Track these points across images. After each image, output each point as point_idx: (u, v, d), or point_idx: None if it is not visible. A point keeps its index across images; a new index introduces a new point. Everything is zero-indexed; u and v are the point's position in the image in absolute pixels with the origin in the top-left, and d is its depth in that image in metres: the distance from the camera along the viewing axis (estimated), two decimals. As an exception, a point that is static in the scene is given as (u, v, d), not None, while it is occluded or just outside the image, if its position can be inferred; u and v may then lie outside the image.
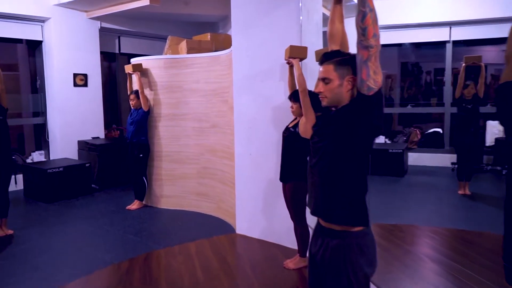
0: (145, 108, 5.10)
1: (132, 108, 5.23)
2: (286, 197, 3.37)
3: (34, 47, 6.62)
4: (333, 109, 1.70)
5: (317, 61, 3.46)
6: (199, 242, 4.06)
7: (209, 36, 5.44)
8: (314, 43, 3.74)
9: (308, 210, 1.84)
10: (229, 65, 4.33)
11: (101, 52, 7.09)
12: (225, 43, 5.36)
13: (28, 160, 6.50)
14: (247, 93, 4.07)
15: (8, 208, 4.37)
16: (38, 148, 6.86)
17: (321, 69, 1.70)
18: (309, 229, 3.36)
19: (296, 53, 3.19)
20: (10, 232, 4.37)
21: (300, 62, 3.19)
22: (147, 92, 5.21)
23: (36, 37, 6.38)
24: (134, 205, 5.24)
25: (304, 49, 3.25)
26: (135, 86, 5.22)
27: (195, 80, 4.94)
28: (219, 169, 4.77)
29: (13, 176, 6.08)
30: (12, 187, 6.04)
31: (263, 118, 3.95)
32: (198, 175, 5.04)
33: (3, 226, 4.36)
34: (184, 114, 5.06)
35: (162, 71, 5.13)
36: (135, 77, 5.21)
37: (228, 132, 4.49)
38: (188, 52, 5.10)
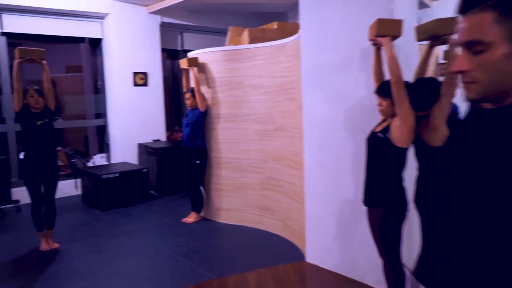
0: (201, 108, 4.48)
1: (187, 108, 4.65)
2: (372, 226, 2.50)
3: (95, 45, 6.35)
4: (486, 105, 0.85)
5: (419, 40, 2.55)
6: (261, 272, 3.31)
7: (275, 25, 4.67)
8: (409, 20, 2.80)
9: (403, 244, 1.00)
10: (296, 55, 3.54)
11: (163, 50, 6.65)
12: (294, 32, 4.56)
13: (90, 164, 6.25)
14: (319, 88, 3.24)
15: (54, 218, 3.98)
16: (100, 150, 6.61)
17: (462, 25, 0.86)
18: (405, 269, 2.46)
19: (386, 29, 2.32)
20: (56, 245, 3.98)
21: (391, 42, 2.32)
22: (204, 89, 4.59)
23: (96, 34, 6.08)
24: (191, 218, 4.65)
25: (398, 23, 2.36)
26: (192, 83, 4.63)
27: (258, 74, 4.21)
28: (285, 181, 3.99)
29: (73, 181, 5.86)
30: (72, 191, 5.82)
31: (339, 120, 3.10)
32: (261, 186, 4.31)
33: (49, 239, 3.98)
34: (246, 114, 4.35)
35: (221, 65, 4.47)
36: (191, 73, 4.61)
37: (296, 136, 3.70)
38: (251, 43, 4.38)
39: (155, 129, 6.47)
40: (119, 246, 3.99)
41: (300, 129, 3.51)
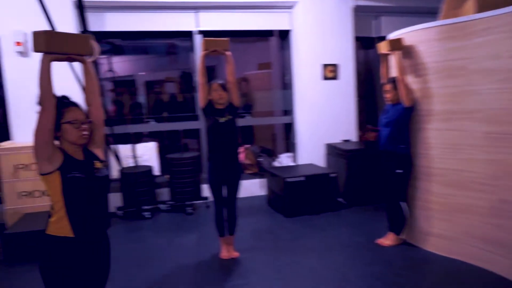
0: (406, 103, 3.51)
1: (387, 103, 3.75)
2: None
3: (283, 38, 5.99)
4: None
5: None
6: None
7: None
8: None
9: None
10: None
11: (356, 38, 5.85)
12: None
13: (276, 163, 5.94)
14: None
15: (235, 224, 3.66)
16: (287, 150, 6.25)
17: None
18: None
19: None
20: (236, 255, 3.65)
21: None
22: (410, 79, 3.61)
23: (285, 26, 5.70)
24: (388, 240, 3.75)
25: None
26: (393, 72, 3.71)
27: (493, 55, 3.01)
28: (535, 207, 2.72)
29: (259, 180, 5.63)
30: (258, 192, 5.59)
31: None
32: (490, 210, 3.10)
33: (230, 246, 3.68)
34: (469, 111, 3.21)
35: (434, 47, 3.42)
36: (393, 59, 3.69)
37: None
38: (480, 12, 3.20)
39: (345, 128, 5.74)
40: (300, 265, 3.40)
41: None
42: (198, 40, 5.39)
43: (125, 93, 8.41)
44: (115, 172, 5.29)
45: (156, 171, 5.45)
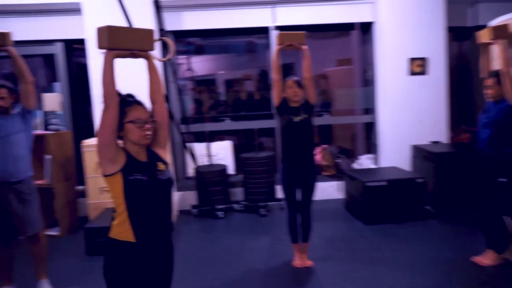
0: (513, 100, 3.00)
1: (487, 100, 3.24)
2: None
3: (365, 31, 5.58)
4: None
5: None
6: None
7: None
8: None
9: None
10: None
11: (448, 28, 5.26)
12: None
13: (355, 165, 5.57)
14: None
15: (309, 230, 3.42)
16: (368, 151, 5.83)
17: None
18: None
19: None
20: (309, 263, 3.41)
21: None
22: (518, 72, 3.08)
23: (367, 18, 5.29)
24: (487, 259, 3.24)
25: None
26: (496, 64, 3.20)
27: None
28: None
29: (336, 183, 5.32)
30: (335, 195, 5.28)
31: None
32: None
33: (303, 254, 3.45)
34: None
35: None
36: (496, 50, 3.18)
37: None
38: None
39: (434, 128, 5.19)
40: (380, 281, 3.07)
41: None
42: (274, 36, 5.20)
43: (205, 92, 8.55)
44: (190, 171, 5.33)
45: (231, 170, 5.39)
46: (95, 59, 4.71)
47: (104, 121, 1.72)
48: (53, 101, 4.66)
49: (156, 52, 4.11)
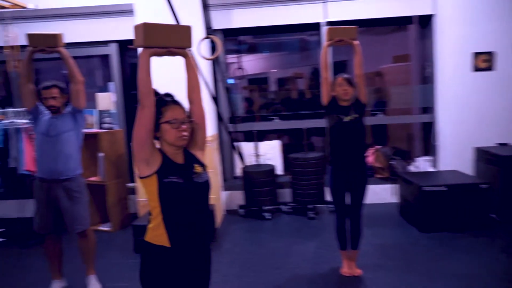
0: None
1: None
2: None
3: (424, 25, 5.22)
4: None
5: None
6: None
7: None
8: None
9: None
10: None
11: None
12: None
13: (411, 168, 5.24)
14: None
15: (359, 237, 3.23)
16: (426, 153, 5.47)
17: None
18: None
19: None
20: (358, 272, 3.22)
21: None
22: None
23: (427, 11, 4.94)
24: (561, 276, 2.89)
25: None
26: None
27: None
28: None
29: (390, 186, 5.04)
30: (388, 198, 5.00)
31: None
32: None
33: (352, 262, 3.26)
34: None
35: None
36: None
37: None
38: None
39: (501, 129, 4.76)
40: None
41: None
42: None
43: (257, 91, 8.53)
44: (238, 170, 5.28)
45: (279, 170, 5.27)
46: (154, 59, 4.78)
47: (140, 121, 1.67)
48: (106, 100, 4.80)
49: (204, 50, 4.10)
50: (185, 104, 1.82)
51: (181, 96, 1.84)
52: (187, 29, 1.76)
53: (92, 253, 3.20)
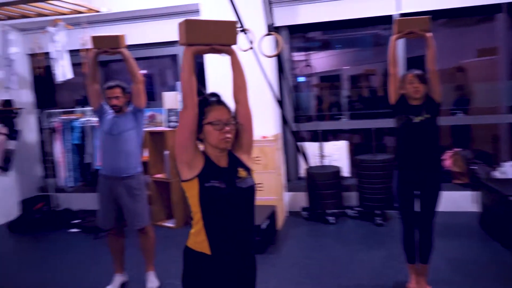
0: None
1: None
2: None
3: (516, 14, 4.64)
4: None
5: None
6: None
7: None
8: None
9: None
10: None
11: None
12: None
13: (497, 174, 4.69)
14: None
15: (430, 249, 2.91)
16: (513, 157, 4.88)
17: None
18: None
19: None
20: (428, 289, 2.92)
21: None
22: None
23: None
24: None
25: None
26: None
27: None
28: None
29: (471, 193, 4.56)
30: (469, 207, 4.53)
31: None
32: None
33: (421, 277, 2.96)
34: None
35: None
36: None
37: None
38: None
39: None
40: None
41: None
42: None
43: (327, 89, 8.29)
44: (301, 171, 5.12)
45: (345, 172, 5.02)
46: (210, 57, 4.80)
47: (182, 121, 1.61)
48: (173, 99, 4.90)
49: (266, 48, 3.98)
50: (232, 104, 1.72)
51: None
52: (232, 25, 1.66)
53: (151, 250, 3.25)
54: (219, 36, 1.62)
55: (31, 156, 5.72)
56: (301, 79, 8.13)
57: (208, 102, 1.67)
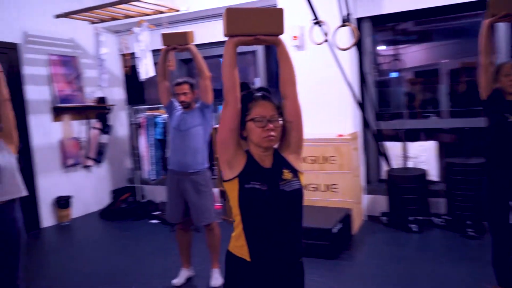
0: None
1: None
2: None
3: None
4: None
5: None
6: None
7: None
8: None
9: None
10: None
11: None
12: None
13: None
14: None
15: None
16: None
17: None
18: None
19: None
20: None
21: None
22: None
23: None
24: None
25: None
26: None
27: None
28: None
29: None
30: None
31: None
32: None
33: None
34: None
35: None
36: None
37: None
38: None
39: None
40: None
41: None
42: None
43: (422, 84, 7.67)
44: (383, 173, 4.76)
45: (433, 176, 4.55)
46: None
47: (223, 118, 1.51)
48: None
49: (341, 40, 3.71)
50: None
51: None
52: (278, 13, 1.51)
53: (217, 247, 3.23)
54: (264, 25, 1.49)
55: (122, 150, 6.13)
56: (394, 74, 7.61)
57: (252, 97, 1.55)
